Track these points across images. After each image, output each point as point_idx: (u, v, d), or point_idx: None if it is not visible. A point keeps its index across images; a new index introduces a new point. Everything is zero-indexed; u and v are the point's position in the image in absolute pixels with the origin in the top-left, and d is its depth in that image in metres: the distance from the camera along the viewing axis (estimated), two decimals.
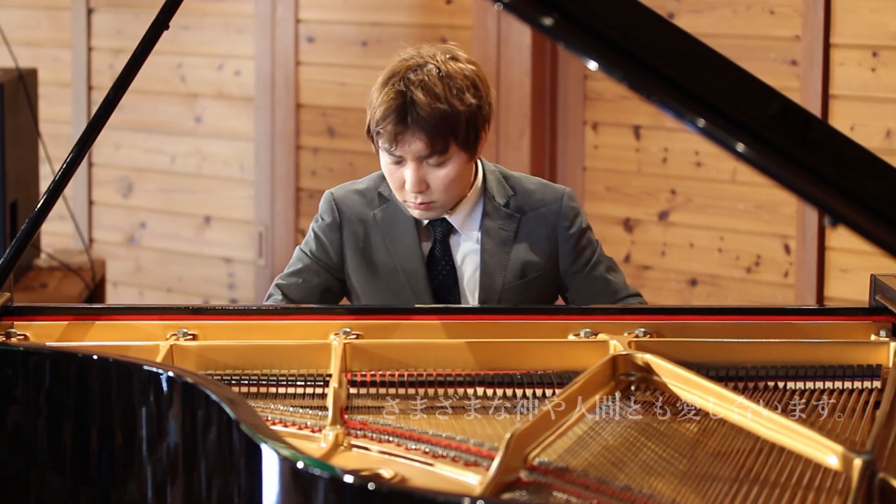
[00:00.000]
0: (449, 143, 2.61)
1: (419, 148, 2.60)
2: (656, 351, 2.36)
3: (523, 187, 2.77)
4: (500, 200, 2.74)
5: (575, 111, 4.63)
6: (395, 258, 2.72)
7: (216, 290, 5.43)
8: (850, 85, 4.10)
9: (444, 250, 2.73)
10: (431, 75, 2.60)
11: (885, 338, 2.47)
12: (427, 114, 2.57)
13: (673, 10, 4.38)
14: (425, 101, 2.58)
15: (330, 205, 2.78)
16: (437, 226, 2.73)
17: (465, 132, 2.62)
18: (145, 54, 2.51)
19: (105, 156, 5.61)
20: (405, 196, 2.67)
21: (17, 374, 2.30)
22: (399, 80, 2.61)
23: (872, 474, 1.91)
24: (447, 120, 2.59)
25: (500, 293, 2.71)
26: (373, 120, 2.65)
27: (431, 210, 2.68)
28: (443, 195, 2.66)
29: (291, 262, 2.80)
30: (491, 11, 4.65)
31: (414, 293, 2.71)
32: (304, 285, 2.75)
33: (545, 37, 2.38)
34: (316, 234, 2.78)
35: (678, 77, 1.94)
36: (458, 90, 2.61)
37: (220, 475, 2.09)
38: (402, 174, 2.64)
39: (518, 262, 2.73)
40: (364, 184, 2.80)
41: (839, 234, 4.12)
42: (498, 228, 2.73)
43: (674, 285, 4.52)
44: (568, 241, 2.75)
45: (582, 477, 1.96)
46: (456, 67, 2.64)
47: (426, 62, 2.62)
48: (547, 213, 2.75)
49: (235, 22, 5.29)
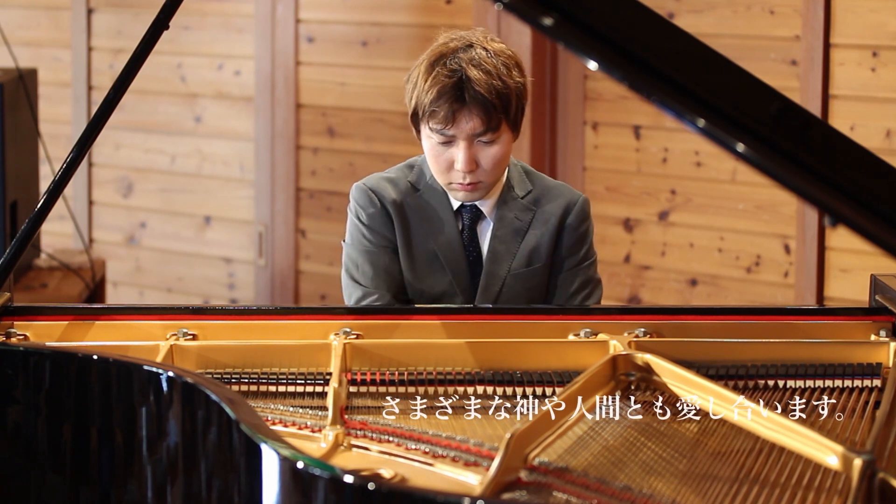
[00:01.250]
0: (501, 120, 2.63)
1: (475, 125, 2.61)
2: (656, 351, 2.36)
3: (543, 183, 2.79)
4: (519, 192, 2.75)
5: (575, 111, 4.63)
6: (434, 243, 2.73)
7: (216, 290, 5.43)
8: (850, 85, 4.10)
9: (471, 236, 2.75)
10: (481, 54, 2.62)
11: (885, 338, 2.47)
12: (484, 90, 2.59)
13: (673, 10, 4.38)
14: (482, 78, 2.59)
15: (367, 195, 2.75)
16: (466, 212, 2.74)
17: (514, 110, 2.65)
18: (145, 54, 2.51)
19: (105, 156, 5.61)
20: (452, 178, 2.67)
21: (17, 374, 2.30)
22: (450, 59, 2.62)
23: (872, 474, 1.91)
24: (501, 96, 2.61)
25: (504, 279, 2.72)
26: (422, 102, 2.63)
27: (477, 191, 2.69)
28: (490, 175, 2.67)
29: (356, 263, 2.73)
30: (491, 11, 4.65)
31: (455, 278, 2.72)
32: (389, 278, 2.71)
33: (545, 37, 2.38)
34: (367, 226, 2.73)
35: (678, 77, 1.94)
36: (507, 67, 2.63)
37: (220, 475, 2.09)
38: (451, 155, 2.65)
39: (527, 250, 2.74)
40: (393, 174, 2.79)
41: (839, 234, 4.12)
42: (513, 218, 2.74)
43: (674, 285, 4.52)
44: (570, 236, 2.76)
45: (582, 477, 1.97)
46: (500, 47, 2.67)
47: (472, 43, 2.64)
48: (562, 207, 2.76)
49: (235, 22, 5.29)
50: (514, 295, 2.73)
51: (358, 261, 2.75)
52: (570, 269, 2.76)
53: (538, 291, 2.76)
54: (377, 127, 4.98)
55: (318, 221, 5.16)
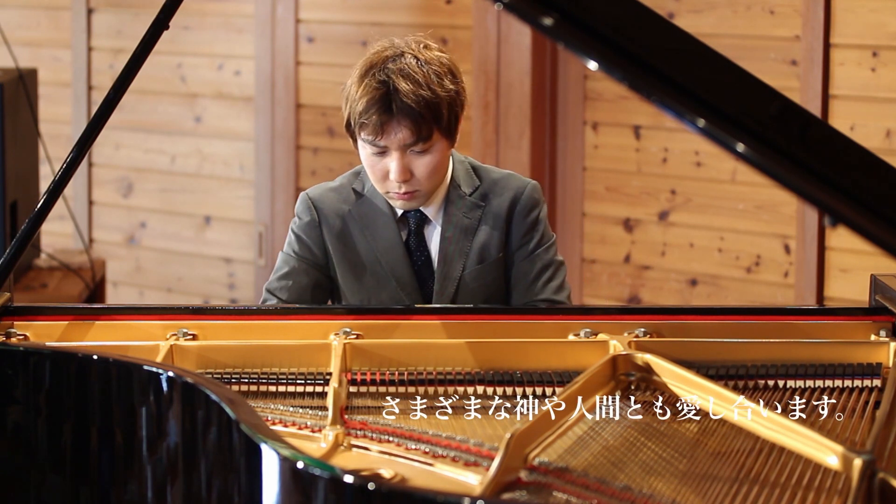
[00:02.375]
0: (433, 129, 2.62)
1: (405, 136, 2.61)
2: (656, 351, 2.36)
3: (490, 177, 2.78)
4: (466, 190, 2.75)
5: (575, 111, 4.63)
6: (376, 251, 2.73)
7: (216, 290, 5.43)
8: (850, 85, 4.10)
9: (418, 241, 2.74)
10: (410, 63, 2.62)
11: (885, 338, 2.47)
12: (412, 101, 2.59)
13: (673, 10, 4.38)
14: (409, 89, 2.59)
15: (306, 204, 2.78)
16: (411, 217, 2.74)
17: (447, 118, 2.64)
18: (145, 54, 2.51)
19: (105, 156, 5.61)
20: (388, 187, 2.68)
21: (17, 374, 2.30)
22: (379, 70, 2.62)
23: (872, 474, 1.91)
24: (431, 106, 2.60)
25: (459, 280, 2.73)
26: (353, 113, 2.64)
27: (414, 199, 2.69)
28: (426, 183, 2.67)
29: (277, 267, 2.80)
30: (491, 11, 4.65)
31: (399, 284, 2.72)
32: (295, 286, 2.76)
33: (545, 37, 2.38)
34: (297, 235, 2.78)
35: (678, 77, 1.94)
36: (438, 76, 2.63)
37: (220, 475, 2.09)
38: (385, 165, 2.65)
39: (478, 246, 2.74)
40: (337, 182, 2.82)
41: (839, 234, 4.12)
42: (462, 216, 2.74)
43: (674, 285, 4.52)
44: (519, 226, 2.75)
45: (582, 477, 1.96)
46: (432, 55, 2.66)
47: (402, 52, 2.64)
48: (510, 199, 2.75)
49: (235, 22, 5.29)
50: (470, 294, 2.73)
51: (278, 265, 2.80)
52: (526, 257, 2.75)
53: (495, 287, 2.75)
54: None
55: None
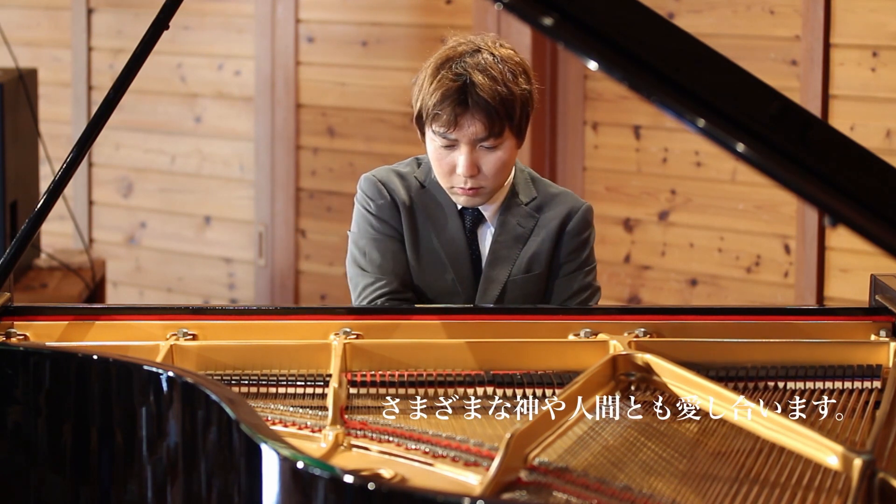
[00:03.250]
0: (504, 126, 2.62)
1: (477, 130, 2.61)
2: (656, 351, 2.36)
3: (548, 191, 2.79)
4: (523, 198, 2.75)
5: (575, 111, 4.63)
6: (438, 239, 2.72)
7: (216, 290, 5.43)
8: (850, 85, 4.10)
9: (471, 238, 2.74)
10: (488, 59, 2.61)
11: (885, 338, 2.47)
12: (488, 95, 2.58)
13: (673, 10, 4.38)
14: (486, 84, 2.58)
15: (377, 186, 2.75)
16: (468, 214, 2.74)
17: (518, 116, 2.64)
18: (145, 54, 2.51)
19: (105, 156, 5.61)
20: (453, 181, 2.67)
21: (17, 374, 2.30)
22: (456, 63, 2.61)
23: (872, 474, 1.91)
24: (505, 102, 2.60)
25: (505, 284, 2.72)
26: (426, 104, 2.62)
27: (478, 196, 2.68)
28: (492, 180, 2.66)
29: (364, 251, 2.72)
30: (491, 11, 4.65)
31: (458, 276, 2.72)
32: (396, 267, 2.70)
33: (545, 37, 2.38)
34: (376, 216, 2.73)
35: (678, 77, 1.94)
36: (513, 74, 2.62)
37: (220, 475, 2.09)
38: (453, 159, 2.64)
39: (527, 257, 2.73)
40: (401, 168, 2.79)
41: (839, 234, 4.12)
42: (515, 224, 2.74)
43: (674, 285, 4.52)
44: (569, 243, 2.75)
45: (582, 477, 1.96)
46: (507, 53, 2.66)
47: (479, 48, 2.64)
48: (564, 214, 2.75)
49: (235, 22, 5.29)
50: (513, 301, 2.72)
51: (366, 248, 2.74)
52: (568, 274, 2.76)
53: (537, 298, 2.75)
54: (377, 127, 4.99)
55: (318, 221, 5.16)
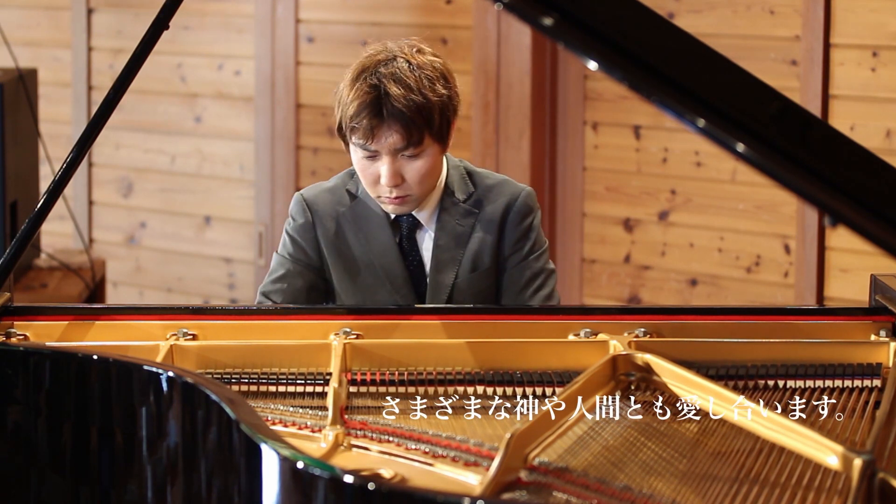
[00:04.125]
0: (424, 134, 2.61)
1: (395, 140, 2.60)
2: (656, 351, 2.36)
3: (484, 183, 2.77)
4: (459, 196, 2.74)
5: (575, 111, 4.63)
6: (370, 253, 2.72)
7: (216, 290, 5.43)
8: (850, 85, 4.10)
9: (410, 245, 2.74)
10: (402, 67, 2.60)
11: (885, 338, 2.47)
12: (403, 105, 2.57)
13: (673, 10, 4.38)
14: (400, 93, 2.57)
15: (301, 205, 2.77)
16: (404, 221, 2.73)
17: (438, 123, 2.62)
18: (145, 54, 2.51)
19: (105, 156, 5.61)
20: (379, 191, 2.66)
21: (17, 374, 2.30)
22: (370, 74, 2.60)
23: (872, 474, 1.91)
24: (422, 111, 2.59)
25: (451, 287, 2.72)
26: (345, 116, 2.62)
27: (406, 204, 2.68)
28: (418, 188, 2.66)
29: (272, 269, 2.79)
30: (491, 11, 4.65)
31: (393, 286, 2.72)
32: (290, 289, 2.74)
33: (545, 37, 2.38)
34: (291, 237, 2.77)
35: (678, 77, 1.94)
36: (430, 81, 2.61)
37: (220, 475, 2.09)
38: (377, 169, 2.63)
39: (471, 254, 2.73)
40: (332, 182, 2.80)
41: (839, 234, 4.12)
42: (454, 224, 2.73)
43: (674, 285, 4.51)
44: (512, 233, 2.74)
45: (582, 477, 1.96)
46: (424, 59, 2.64)
47: (395, 55, 2.62)
48: (503, 205, 2.74)
49: (235, 22, 5.29)
50: (463, 301, 2.72)
51: (273, 266, 2.78)
52: (517, 264, 2.75)
53: (488, 294, 2.74)
54: None
55: None
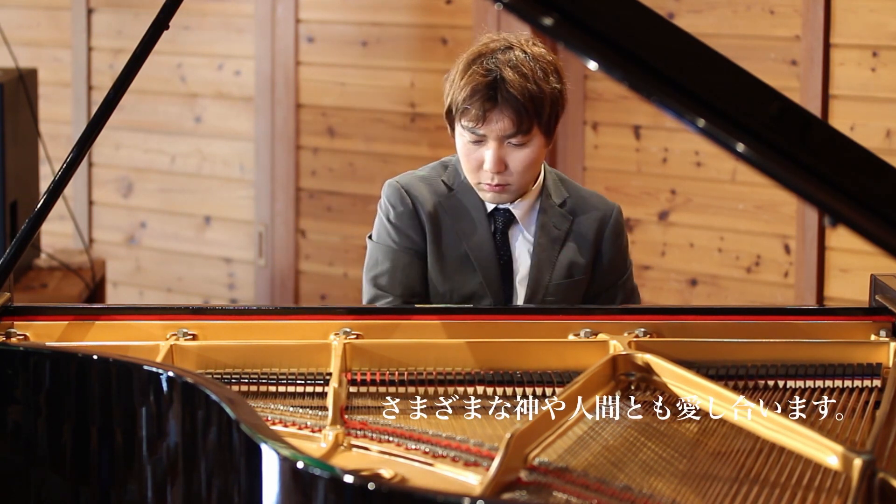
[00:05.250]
0: (533, 123, 2.62)
1: (505, 126, 2.61)
2: (656, 351, 2.36)
3: (578, 192, 2.80)
4: (556, 200, 2.75)
5: (575, 111, 4.63)
6: (466, 244, 2.72)
7: (216, 290, 5.43)
8: (850, 85, 4.10)
9: (503, 241, 2.74)
10: (519, 56, 2.62)
11: (885, 338, 2.47)
12: (517, 91, 2.59)
13: (673, 10, 4.38)
14: (516, 80, 2.59)
15: (399, 192, 2.74)
16: (499, 216, 2.74)
17: (548, 115, 2.64)
18: (145, 54, 2.51)
19: (105, 156, 5.61)
20: (481, 177, 2.67)
21: (17, 374, 2.30)
22: (487, 59, 2.62)
23: (872, 474, 1.91)
24: (535, 100, 2.60)
25: (547, 289, 2.72)
26: (456, 99, 2.64)
27: (505, 193, 2.68)
28: (519, 178, 2.66)
29: (376, 260, 2.73)
30: (491, 11, 4.65)
31: (486, 280, 2.71)
32: (404, 279, 2.72)
33: (545, 37, 2.38)
34: (394, 225, 2.73)
35: (678, 77, 1.94)
36: (544, 72, 2.63)
37: (220, 475, 2.09)
38: (481, 154, 2.64)
39: (566, 261, 2.74)
40: (425, 172, 2.79)
41: (839, 234, 4.12)
42: (552, 226, 2.74)
43: (674, 285, 4.52)
44: (609, 251, 2.77)
45: (582, 477, 1.97)
46: (539, 51, 2.66)
47: (511, 45, 2.65)
48: (598, 220, 2.77)
49: (235, 22, 5.29)
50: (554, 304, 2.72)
51: (378, 258, 2.74)
52: (614, 284, 2.78)
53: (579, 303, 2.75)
54: (377, 127, 4.98)
55: (318, 221, 5.16)
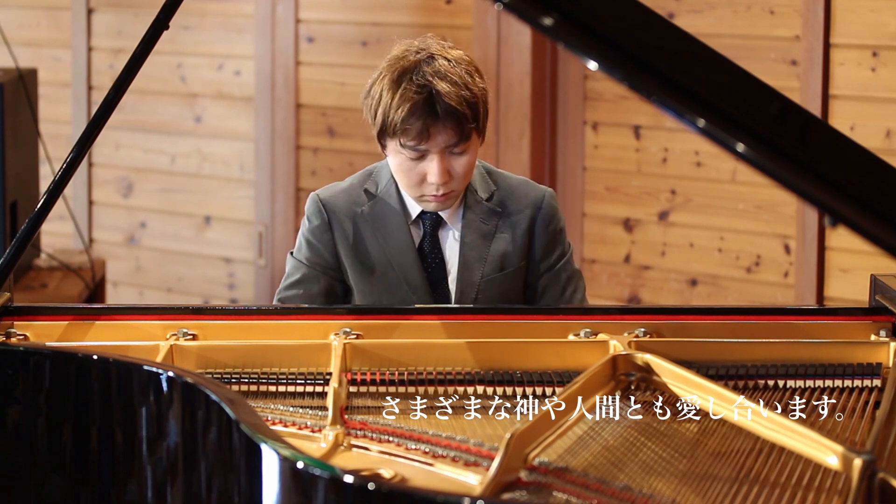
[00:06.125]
0: (472, 128, 2.61)
1: (448, 137, 2.59)
2: (656, 351, 2.36)
3: (507, 183, 2.77)
4: (482, 195, 2.73)
5: (575, 111, 4.63)
6: (387, 253, 2.71)
7: (216, 290, 5.43)
8: (850, 85, 4.10)
9: (433, 244, 2.73)
10: (444, 65, 2.59)
11: (885, 338, 2.47)
12: (455, 102, 2.56)
13: (673, 10, 4.38)
14: (451, 91, 2.57)
15: (317, 206, 2.75)
16: (427, 219, 2.73)
17: (482, 116, 2.63)
18: (145, 54, 2.51)
19: (105, 156, 5.61)
20: (424, 190, 2.65)
21: (17, 374, 2.30)
22: (415, 74, 2.58)
23: (872, 474, 1.91)
24: (471, 106, 2.59)
25: (479, 285, 2.71)
26: (392, 121, 2.59)
27: (449, 200, 2.67)
28: (461, 183, 2.66)
29: (288, 273, 2.77)
30: (491, 11, 4.65)
31: (410, 287, 2.71)
32: (306, 294, 2.73)
33: (545, 37, 2.38)
34: (307, 240, 2.75)
35: (678, 77, 1.94)
36: (469, 75, 2.61)
37: (220, 475, 2.09)
38: (423, 169, 2.62)
39: (498, 254, 2.73)
40: (347, 183, 2.79)
41: (839, 234, 4.12)
42: (479, 222, 2.72)
43: (674, 285, 4.51)
44: (542, 237, 2.75)
45: (582, 477, 1.97)
46: (459, 53, 2.64)
47: (431, 54, 2.61)
48: (529, 207, 2.75)
49: (235, 22, 5.29)
50: (489, 301, 2.71)
51: (289, 270, 2.77)
52: (551, 269, 2.76)
53: (513, 295, 2.74)
54: None
55: None
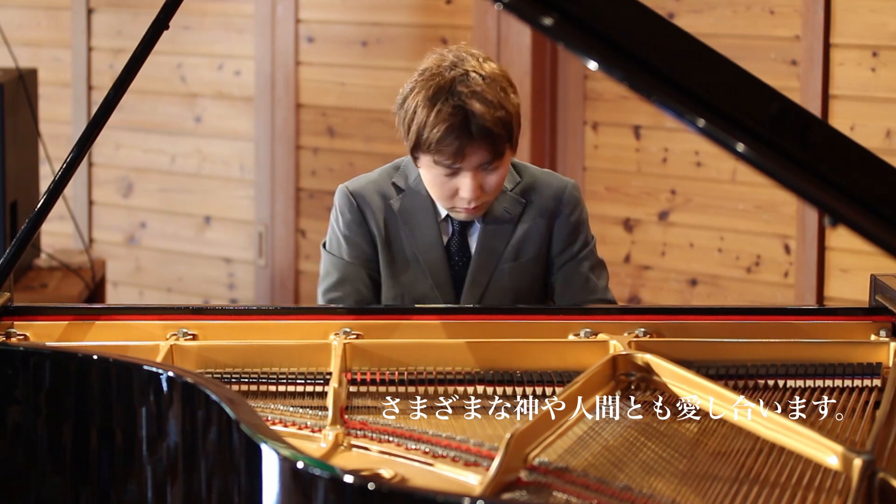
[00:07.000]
0: (506, 146, 2.61)
1: (481, 157, 2.59)
2: (656, 351, 2.36)
3: (530, 174, 2.78)
4: (507, 185, 2.74)
5: (575, 111, 4.63)
6: (415, 247, 2.72)
7: (216, 290, 5.43)
8: (850, 85, 4.10)
9: (461, 241, 2.74)
10: (479, 83, 2.58)
11: (885, 338, 2.47)
12: (490, 123, 2.56)
13: (673, 10, 4.38)
14: (486, 112, 2.56)
15: (348, 199, 2.75)
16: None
17: (516, 132, 2.63)
18: (145, 54, 2.51)
19: (105, 156, 5.61)
20: (455, 203, 2.65)
21: (17, 374, 2.30)
22: (450, 94, 2.57)
23: (872, 474, 1.91)
24: (505, 125, 2.59)
25: (492, 273, 2.72)
26: (427, 139, 2.58)
27: (479, 211, 2.68)
28: (493, 196, 2.67)
29: (327, 270, 2.76)
30: (491, 11, 4.65)
31: (435, 283, 2.71)
32: (354, 293, 2.73)
33: (545, 37, 2.37)
34: (344, 235, 2.74)
35: (678, 77, 1.94)
36: (503, 91, 2.61)
37: (220, 475, 2.09)
38: (455, 184, 2.62)
39: (516, 243, 2.73)
40: (377, 174, 2.79)
41: (839, 234, 4.12)
42: (503, 211, 2.73)
43: (674, 285, 4.51)
44: (563, 227, 2.76)
45: (582, 477, 1.97)
46: (492, 69, 2.63)
47: (466, 70, 2.59)
48: (552, 198, 2.76)
49: (235, 22, 5.29)
50: (501, 290, 2.72)
51: (329, 268, 2.77)
52: (574, 258, 2.76)
53: (530, 287, 2.74)
54: (377, 127, 4.98)
55: (318, 221, 5.16)
